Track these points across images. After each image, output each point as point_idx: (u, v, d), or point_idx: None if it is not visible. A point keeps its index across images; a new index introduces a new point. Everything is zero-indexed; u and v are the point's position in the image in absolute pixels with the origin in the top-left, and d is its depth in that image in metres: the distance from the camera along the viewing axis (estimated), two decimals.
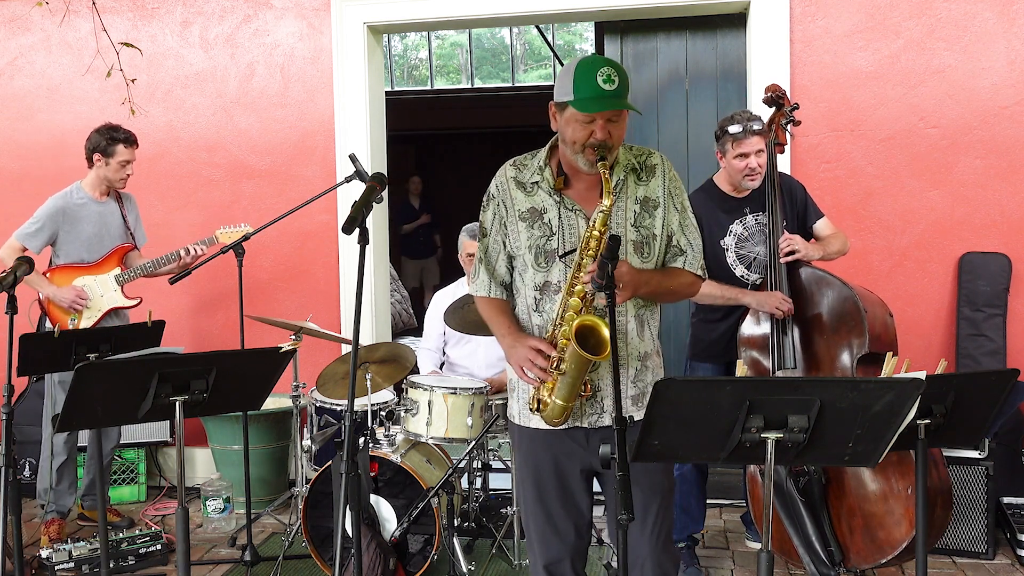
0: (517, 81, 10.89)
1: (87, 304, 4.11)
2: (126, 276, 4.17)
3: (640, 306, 2.37)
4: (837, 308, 3.29)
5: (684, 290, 2.44)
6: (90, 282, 4.14)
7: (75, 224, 4.12)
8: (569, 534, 2.43)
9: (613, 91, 2.19)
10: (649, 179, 2.37)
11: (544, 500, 2.43)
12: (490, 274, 2.46)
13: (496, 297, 2.47)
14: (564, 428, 2.36)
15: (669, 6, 4.50)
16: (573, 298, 2.25)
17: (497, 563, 3.74)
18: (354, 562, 2.18)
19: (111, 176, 4.13)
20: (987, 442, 3.71)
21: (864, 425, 1.85)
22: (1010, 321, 4.25)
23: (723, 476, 4.41)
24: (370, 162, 4.75)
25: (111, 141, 4.10)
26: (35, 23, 5.04)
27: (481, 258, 2.47)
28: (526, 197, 2.38)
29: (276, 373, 2.65)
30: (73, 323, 4.04)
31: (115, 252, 4.20)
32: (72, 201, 4.14)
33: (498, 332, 2.44)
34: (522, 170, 2.41)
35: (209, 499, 4.29)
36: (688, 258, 2.41)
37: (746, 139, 3.40)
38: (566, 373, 2.24)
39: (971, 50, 4.23)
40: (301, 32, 4.82)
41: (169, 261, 4.14)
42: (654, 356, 2.43)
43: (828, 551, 3.18)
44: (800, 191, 3.65)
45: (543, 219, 2.35)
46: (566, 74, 2.25)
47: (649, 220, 2.35)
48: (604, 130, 2.22)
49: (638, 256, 2.34)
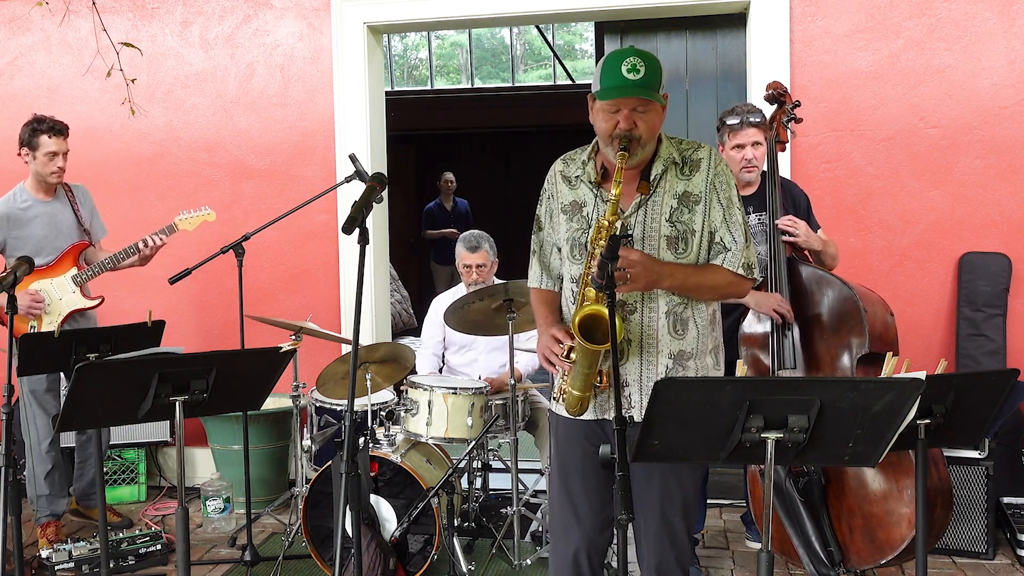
0: (517, 81, 10.89)
1: (44, 309, 3.92)
2: (84, 275, 3.99)
3: (677, 303, 2.33)
4: (837, 308, 3.29)
5: (723, 288, 2.36)
6: (46, 286, 3.95)
7: (22, 228, 3.94)
8: (588, 524, 2.43)
9: (637, 81, 2.19)
10: (692, 173, 2.34)
11: (567, 488, 2.45)
12: (543, 266, 2.52)
13: (545, 288, 2.52)
14: (595, 420, 2.37)
15: (669, 6, 4.50)
16: (588, 288, 2.26)
17: (497, 563, 3.74)
18: (354, 562, 2.18)
19: (40, 170, 3.93)
20: (987, 442, 3.72)
21: (864, 425, 1.85)
22: (1010, 321, 4.25)
23: (723, 476, 4.41)
24: (370, 162, 4.75)
25: (34, 132, 3.90)
26: (35, 23, 5.04)
27: (535, 251, 2.53)
28: (570, 191, 2.41)
29: (276, 373, 2.65)
30: (33, 330, 3.86)
31: (69, 251, 4.02)
32: (16, 205, 3.96)
33: (537, 322, 2.51)
34: (569, 164, 2.45)
35: (209, 499, 4.28)
36: (730, 256, 2.35)
37: (742, 130, 3.42)
38: (576, 363, 2.25)
39: (971, 50, 4.23)
40: (301, 32, 4.82)
41: (129, 254, 3.95)
42: (704, 356, 2.38)
43: (828, 551, 3.18)
44: (804, 200, 3.67)
45: (582, 212, 2.38)
46: (599, 65, 2.28)
47: (688, 215, 2.32)
48: (629, 120, 2.22)
49: (671, 251, 2.31)
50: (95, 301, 4.08)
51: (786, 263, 3.38)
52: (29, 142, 3.93)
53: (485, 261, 4.18)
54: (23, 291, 3.87)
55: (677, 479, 2.39)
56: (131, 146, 4.99)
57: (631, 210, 2.33)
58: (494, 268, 4.27)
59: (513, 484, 3.69)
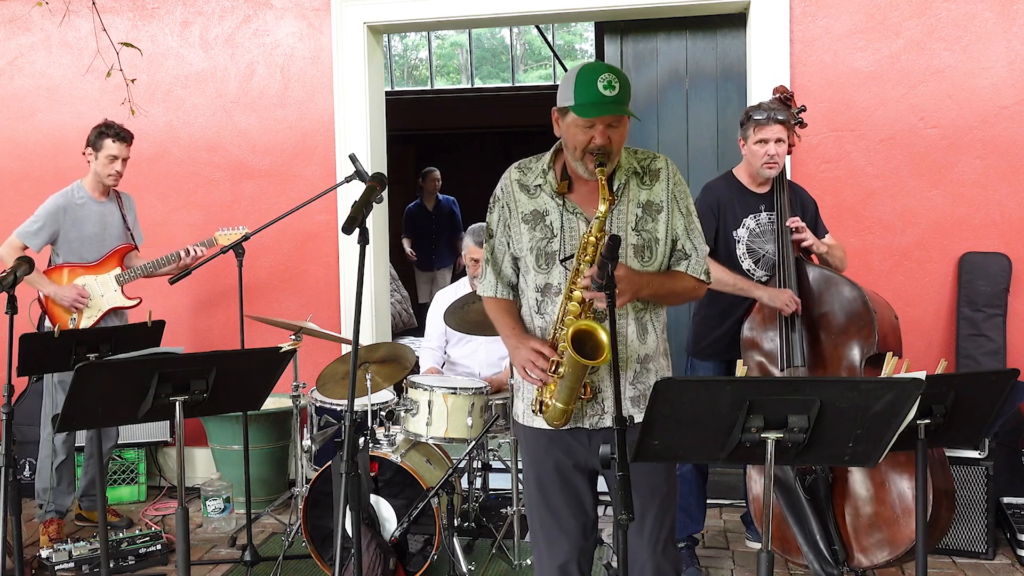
0: (517, 81, 10.88)
1: (88, 303, 4.10)
2: (126, 276, 4.17)
3: (640, 309, 2.38)
4: (847, 308, 3.31)
5: (686, 294, 2.45)
6: (91, 281, 4.13)
7: (76, 223, 4.11)
8: (574, 533, 2.43)
9: (613, 97, 2.20)
10: (653, 183, 2.37)
11: (548, 500, 2.44)
12: (496, 275, 2.49)
13: (502, 297, 2.49)
14: (567, 429, 2.37)
15: (669, 6, 4.50)
16: (572, 303, 2.27)
17: (497, 563, 3.74)
18: (354, 562, 2.18)
19: (99, 171, 4.10)
20: (987, 442, 3.72)
21: (864, 425, 1.85)
22: (1010, 321, 4.25)
23: (723, 476, 4.41)
24: (370, 162, 4.74)
25: (100, 135, 4.08)
26: (35, 23, 5.04)
27: (488, 259, 2.50)
28: (529, 199, 2.39)
29: (276, 373, 2.65)
30: (73, 322, 4.03)
31: (116, 252, 4.19)
32: (73, 200, 4.13)
33: (503, 333, 2.47)
34: (526, 173, 2.43)
35: (209, 499, 4.29)
36: (692, 262, 2.41)
37: (768, 126, 3.45)
38: (564, 377, 2.26)
39: (971, 50, 4.23)
40: (301, 32, 4.82)
41: (169, 262, 4.13)
42: (660, 358, 2.43)
43: (832, 549, 3.18)
44: (812, 205, 3.70)
45: (545, 221, 2.37)
46: (568, 79, 2.27)
47: (651, 224, 2.36)
48: (604, 135, 2.23)
49: (638, 260, 2.35)
50: (134, 301, 4.23)
51: (794, 263, 3.40)
52: (94, 143, 4.10)
53: None
54: (70, 284, 4.08)
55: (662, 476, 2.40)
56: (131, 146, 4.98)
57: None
58: None
59: (513, 484, 3.69)
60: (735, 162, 3.68)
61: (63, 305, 4.06)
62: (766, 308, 3.43)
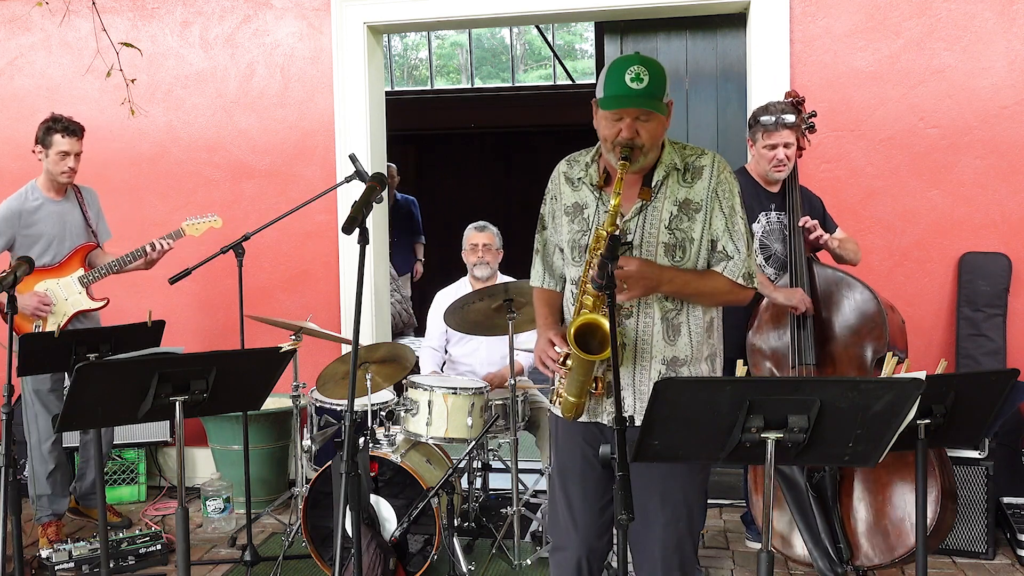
0: (517, 81, 10.88)
1: (51, 310, 3.92)
2: (91, 276, 3.99)
3: (669, 309, 2.32)
4: (859, 309, 3.32)
5: (719, 296, 2.34)
6: (53, 286, 3.95)
7: (32, 226, 3.93)
8: (585, 530, 2.42)
9: (640, 90, 2.19)
10: (694, 181, 2.32)
11: (566, 493, 2.45)
12: (545, 266, 2.53)
13: (547, 288, 2.53)
14: (586, 422, 2.37)
15: (669, 6, 4.50)
16: (586, 296, 2.27)
17: (497, 563, 3.74)
18: (354, 562, 2.18)
19: (51, 169, 3.91)
20: (987, 442, 3.72)
21: (864, 425, 1.85)
22: (1010, 321, 4.25)
23: (723, 476, 4.41)
24: (370, 162, 4.74)
25: (48, 131, 3.89)
26: (35, 23, 5.04)
27: (538, 250, 2.54)
28: (572, 192, 2.42)
29: (276, 373, 2.65)
30: (37, 329, 3.84)
31: (77, 252, 4.02)
32: (27, 203, 3.94)
33: (537, 323, 2.52)
34: (573, 166, 2.45)
35: (209, 499, 4.28)
36: (731, 265, 2.32)
37: (776, 131, 3.47)
38: (572, 369, 2.26)
39: (971, 50, 4.23)
40: (301, 32, 4.82)
41: (135, 257, 3.96)
42: (699, 363, 2.35)
43: (837, 548, 3.18)
44: (819, 203, 3.73)
45: (583, 214, 2.39)
46: (604, 71, 2.28)
47: (687, 223, 2.30)
48: (631, 128, 2.22)
49: (669, 258, 2.30)
50: (101, 302, 4.07)
51: (806, 262, 3.42)
52: (43, 140, 3.92)
53: (491, 241, 4.28)
54: (30, 292, 3.88)
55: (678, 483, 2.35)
56: (131, 146, 4.99)
57: (631, 215, 2.32)
58: (499, 257, 4.33)
59: (513, 484, 3.69)
60: (735, 162, 3.69)
61: (24, 314, 3.84)
62: (771, 310, 3.44)
